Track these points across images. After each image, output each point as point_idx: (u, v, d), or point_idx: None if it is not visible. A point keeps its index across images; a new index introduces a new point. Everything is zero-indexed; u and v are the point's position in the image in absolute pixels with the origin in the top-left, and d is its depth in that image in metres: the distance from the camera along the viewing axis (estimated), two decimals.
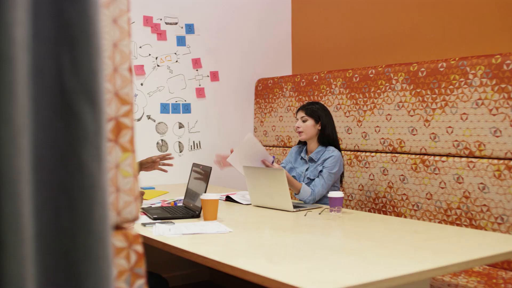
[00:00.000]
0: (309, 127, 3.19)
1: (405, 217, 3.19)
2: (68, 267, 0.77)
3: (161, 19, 4.04)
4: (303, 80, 3.99)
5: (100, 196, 0.78)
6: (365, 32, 3.94)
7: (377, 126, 3.41)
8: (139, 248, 1.09)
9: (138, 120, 3.95)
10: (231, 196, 3.25)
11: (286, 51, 4.63)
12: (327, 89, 3.77)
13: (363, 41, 3.96)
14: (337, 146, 3.20)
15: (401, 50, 3.69)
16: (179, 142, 4.15)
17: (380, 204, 3.37)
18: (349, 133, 3.60)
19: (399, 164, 3.25)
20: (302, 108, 3.26)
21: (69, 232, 0.78)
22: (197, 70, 4.21)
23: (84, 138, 0.76)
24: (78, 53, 0.77)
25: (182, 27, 4.13)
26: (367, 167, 3.45)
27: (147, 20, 3.98)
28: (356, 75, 3.56)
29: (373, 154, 3.44)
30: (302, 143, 3.35)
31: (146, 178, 3.79)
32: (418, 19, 3.59)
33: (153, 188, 3.79)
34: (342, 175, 3.22)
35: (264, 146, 4.35)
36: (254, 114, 4.50)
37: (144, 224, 2.51)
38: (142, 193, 2.98)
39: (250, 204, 3.06)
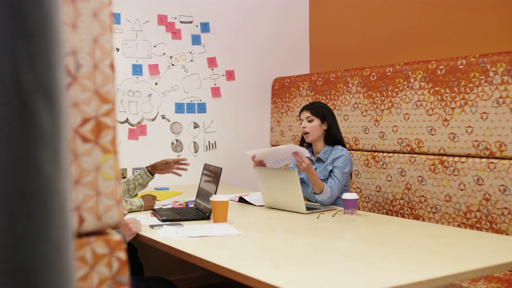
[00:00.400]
0: (316, 128, 3.11)
1: (423, 220, 3.09)
2: (25, 278, 0.71)
3: (175, 18, 3.99)
4: (320, 79, 3.91)
5: (58, 202, 0.72)
6: (383, 29, 3.84)
7: (395, 126, 3.31)
8: (122, 254, 1.04)
9: (153, 120, 3.91)
10: (244, 197, 3.19)
11: (304, 50, 4.55)
12: (344, 88, 3.68)
13: (380, 39, 3.87)
14: (343, 144, 3.13)
15: (419, 47, 3.59)
16: (194, 142, 4.10)
17: (397, 206, 3.27)
18: (366, 133, 3.51)
19: (417, 165, 3.15)
20: (306, 108, 3.17)
21: (26, 240, 0.72)
22: (212, 69, 4.16)
23: (40, 139, 0.70)
24: (35, 47, 0.70)
25: (197, 26, 4.08)
26: (384, 168, 3.36)
27: (162, 19, 3.93)
28: (374, 74, 3.47)
29: (390, 154, 3.34)
30: (308, 144, 3.26)
31: (161, 178, 3.74)
32: (436, 15, 3.48)
33: (167, 188, 3.75)
34: (350, 174, 3.13)
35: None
36: (270, 113, 4.43)
37: (152, 226, 2.46)
38: (154, 197, 2.94)
39: (263, 205, 2.99)
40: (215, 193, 2.64)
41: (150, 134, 3.90)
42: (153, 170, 3.05)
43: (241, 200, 3.17)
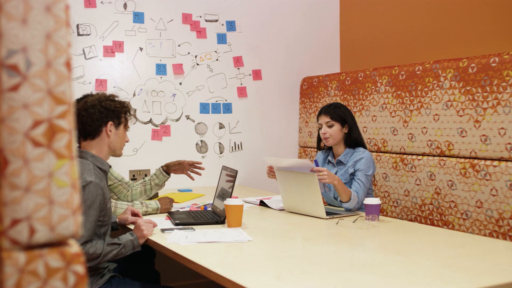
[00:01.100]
0: (337, 132, 2.97)
1: (453, 227, 2.93)
2: None
3: (200, 17, 3.93)
4: (348, 78, 3.77)
5: None
6: (413, 26, 3.68)
7: (424, 127, 3.15)
8: (80, 268, 0.96)
9: (177, 120, 3.86)
10: (265, 200, 3.10)
11: (334, 48, 4.42)
12: (373, 87, 3.54)
13: (410, 36, 3.70)
14: (364, 146, 2.99)
15: (450, 44, 3.41)
16: (220, 143, 4.03)
17: (426, 211, 3.11)
18: (395, 135, 3.36)
19: (447, 168, 2.99)
20: (325, 112, 3.01)
21: None
22: (238, 68, 4.07)
23: None
24: None
25: (222, 24, 4.01)
26: (413, 171, 3.20)
27: (186, 18, 3.87)
28: (403, 72, 3.31)
29: (419, 157, 3.18)
30: (327, 147, 3.13)
31: (185, 180, 3.68)
32: (468, 10, 3.29)
33: (190, 190, 3.69)
34: (374, 177, 2.99)
35: (309, 147, 4.16)
36: (299, 114, 4.32)
37: (163, 230, 2.39)
38: (171, 200, 2.87)
39: (283, 209, 2.89)
40: (230, 197, 2.55)
41: (174, 134, 3.85)
42: (168, 169, 2.99)
43: (262, 203, 3.08)
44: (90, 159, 2.20)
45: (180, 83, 3.86)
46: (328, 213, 2.70)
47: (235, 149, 4.08)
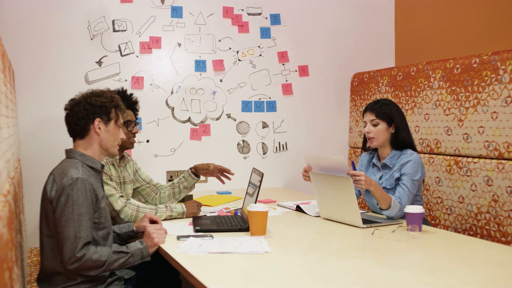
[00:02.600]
0: (382, 132, 2.68)
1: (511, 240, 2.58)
2: None
3: (242, 10, 3.73)
4: (400, 73, 3.46)
5: None
6: (471, 16, 3.32)
7: (481, 127, 2.82)
8: None
9: (217, 119, 3.68)
10: (302, 206, 2.86)
11: (388, 42, 4.11)
12: (425, 82, 3.22)
13: (468, 26, 3.35)
14: (414, 148, 2.67)
15: (510, 34, 3.04)
16: (263, 143, 3.82)
17: (482, 221, 2.78)
18: (449, 135, 3.03)
19: (506, 173, 2.64)
20: (370, 108, 2.73)
21: None
22: (283, 64, 3.84)
23: None
24: None
25: (266, 18, 3.79)
26: (468, 176, 2.87)
27: (227, 11, 3.69)
28: (458, 66, 2.98)
29: (475, 160, 2.85)
30: (373, 149, 2.85)
31: (226, 182, 3.50)
32: None
33: (229, 193, 3.50)
34: (423, 181, 2.69)
35: (360, 148, 3.87)
36: (349, 112, 4.04)
37: (178, 237, 2.21)
38: (198, 204, 2.69)
39: (319, 216, 2.65)
40: (255, 202, 2.34)
41: (214, 134, 3.67)
42: (196, 171, 2.82)
43: (298, 208, 2.85)
44: (78, 158, 2.06)
45: (221, 80, 3.68)
46: (366, 221, 2.44)
47: (280, 150, 3.86)
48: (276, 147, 3.85)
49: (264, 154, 3.82)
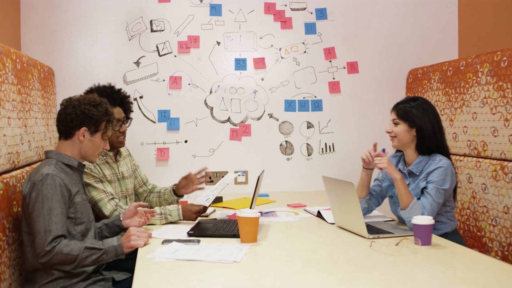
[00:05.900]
0: (401, 133, 2.43)
1: None
2: None
3: (285, 5, 3.59)
4: (450, 68, 3.14)
5: None
6: None
7: None
8: None
9: (258, 119, 3.57)
10: (322, 211, 2.68)
11: (450, 35, 3.76)
12: (473, 78, 2.89)
13: None
14: (445, 153, 2.38)
15: None
16: (307, 144, 3.65)
17: None
18: (495, 136, 2.69)
19: None
20: (395, 107, 2.51)
21: None
22: (330, 61, 3.64)
23: None
24: None
25: (311, 13, 3.62)
26: None
27: (269, 7, 3.56)
28: (505, 58, 2.64)
29: None
30: (399, 151, 2.59)
31: (267, 185, 3.40)
32: None
33: (267, 195, 3.37)
34: (455, 189, 2.40)
35: None
36: None
37: (163, 242, 2.14)
38: (196, 211, 2.58)
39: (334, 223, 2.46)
40: (251, 207, 2.21)
41: (255, 134, 3.56)
42: (178, 190, 2.76)
43: (319, 215, 2.67)
44: (54, 157, 2.13)
45: (262, 79, 3.57)
46: (375, 231, 2.22)
47: (326, 151, 3.67)
48: (322, 148, 3.66)
49: (309, 155, 3.64)
